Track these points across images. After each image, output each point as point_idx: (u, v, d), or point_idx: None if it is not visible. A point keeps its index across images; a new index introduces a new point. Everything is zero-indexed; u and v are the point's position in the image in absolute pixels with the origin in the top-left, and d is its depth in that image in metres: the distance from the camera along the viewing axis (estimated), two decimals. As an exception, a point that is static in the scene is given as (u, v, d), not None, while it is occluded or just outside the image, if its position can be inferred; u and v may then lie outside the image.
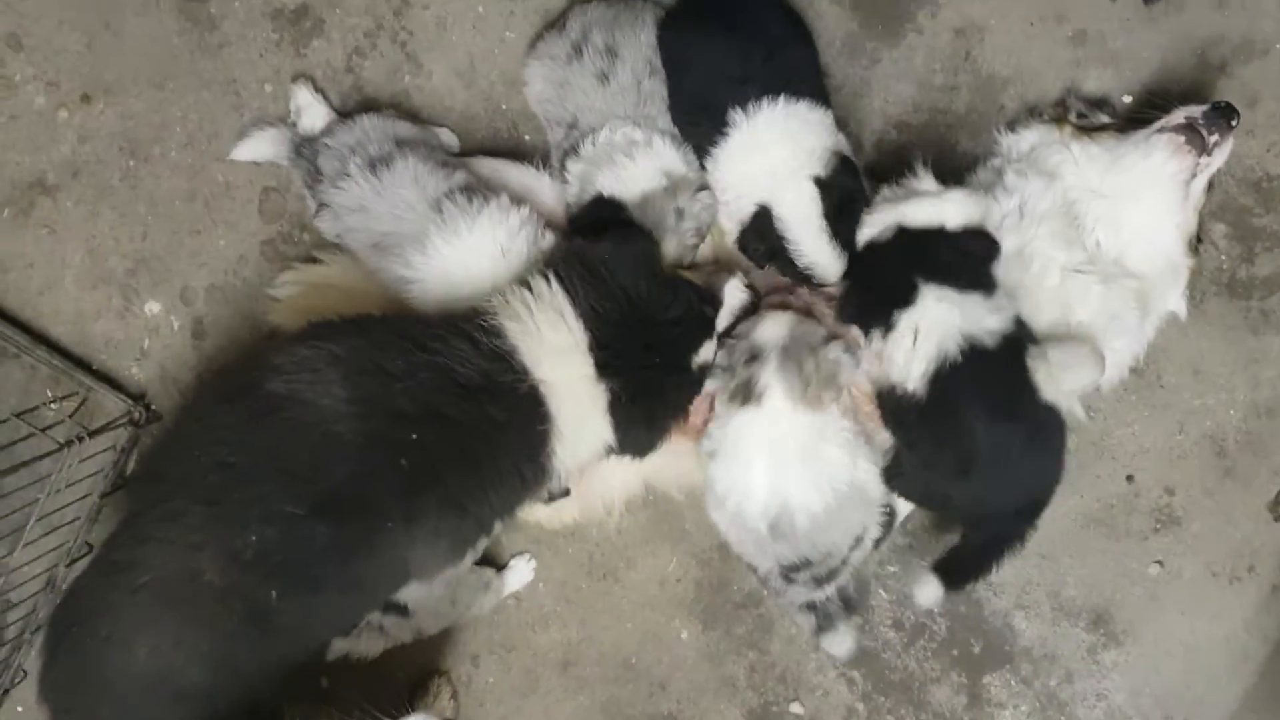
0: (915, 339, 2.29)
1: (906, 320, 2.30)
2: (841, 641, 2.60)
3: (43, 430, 2.65)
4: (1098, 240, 2.46)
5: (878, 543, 2.56)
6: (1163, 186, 2.42)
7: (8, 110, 2.80)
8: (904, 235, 2.37)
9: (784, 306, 2.51)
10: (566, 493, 2.46)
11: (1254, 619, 2.77)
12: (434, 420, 2.10)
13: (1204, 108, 2.38)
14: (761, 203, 2.40)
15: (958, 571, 2.51)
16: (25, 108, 2.80)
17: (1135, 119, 2.51)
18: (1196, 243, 2.52)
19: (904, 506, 2.65)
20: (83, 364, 2.84)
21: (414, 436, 2.08)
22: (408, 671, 2.87)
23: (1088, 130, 2.53)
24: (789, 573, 2.46)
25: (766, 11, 2.51)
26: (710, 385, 2.42)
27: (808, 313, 2.49)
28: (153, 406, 2.84)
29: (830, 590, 2.52)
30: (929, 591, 2.48)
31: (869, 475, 2.40)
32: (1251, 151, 2.70)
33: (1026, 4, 2.70)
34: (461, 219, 2.36)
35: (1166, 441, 2.76)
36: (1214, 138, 2.37)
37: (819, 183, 2.37)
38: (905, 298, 2.31)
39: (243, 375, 2.21)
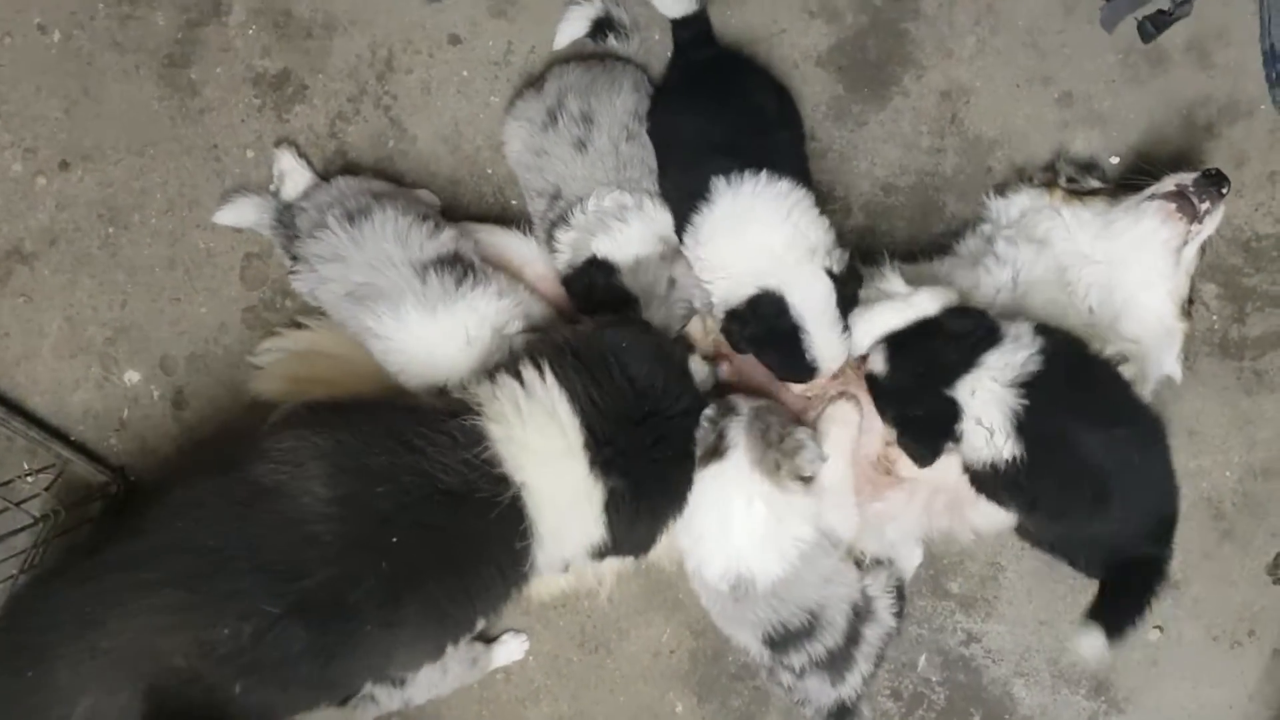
0: (981, 425, 2.26)
1: (965, 423, 2.27)
2: None
3: (17, 504, 2.57)
4: (1090, 306, 2.45)
5: (899, 616, 2.53)
6: (1154, 253, 2.42)
7: (-16, 178, 2.76)
8: (901, 361, 2.35)
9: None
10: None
11: (1256, 684, 2.75)
12: (415, 525, 2.05)
13: (1195, 175, 2.37)
14: (765, 288, 2.32)
15: (1116, 618, 2.36)
16: (2, 175, 2.75)
17: (1126, 184, 2.51)
18: (1189, 306, 2.51)
19: (909, 570, 2.63)
20: (60, 435, 2.77)
21: (394, 540, 2.03)
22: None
23: (1078, 194, 2.52)
24: (778, 649, 2.40)
25: (761, 92, 2.51)
26: None
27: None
28: (132, 478, 2.78)
29: (856, 684, 2.46)
30: (1092, 643, 2.33)
31: (838, 522, 2.39)
32: (1240, 211, 2.71)
33: (1012, 66, 2.71)
34: (441, 301, 2.32)
35: (1164, 504, 2.72)
36: (1205, 205, 2.36)
37: (832, 276, 2.32)
38: (953, 415, 2.28)
39: (234, 452, 2.17)
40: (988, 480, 2.31)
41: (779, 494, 2.25)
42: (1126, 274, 2.44)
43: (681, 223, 2.41)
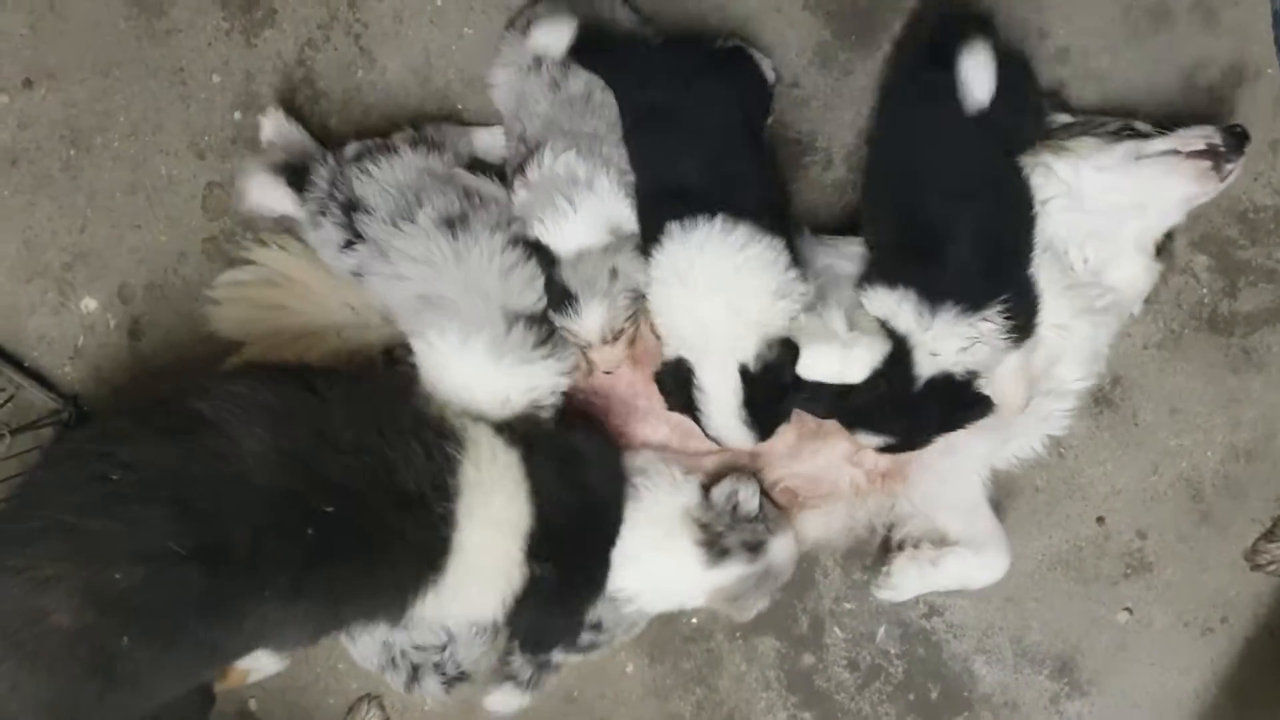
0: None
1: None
2: (514, 702, 2.56)
3: (-37, 426, 2.54)
4: (1087, 258, 2.36)
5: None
6: (1171, 209, 2.35)
7: (-55, 94, 2.69)
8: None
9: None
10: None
11: (1226, 673, 2.67)
12: (355, 504, 2.00)
13: (1221, 132, 2.29)
14: (683, 357, 2.25)
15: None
16: (-36, 92, 2.69)
17: (1113, 129, 2.40)
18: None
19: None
20: (13, 360, 2.73)
21: (328, 510, 1.98)
22: (339, 696, 2.78)
23: (1060, 143, 2.40)
24: None
25: (709, 101, 2.30)
26: None
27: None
28: (85, 408, 2.73)
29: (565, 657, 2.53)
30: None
31: None
32: (1237, 181, 2.57)
33: (1006, 18, 2.58)
34: (513, 355, 2.27)
35: (1140, 482, 2.65)
36: (1231, 165, 2.28)
37: (745, 374, 2.21)
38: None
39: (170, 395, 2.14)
40: None
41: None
42: (1128, 226, 2.35)
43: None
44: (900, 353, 2.23)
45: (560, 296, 2.28)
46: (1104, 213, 2.35)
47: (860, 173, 2.56)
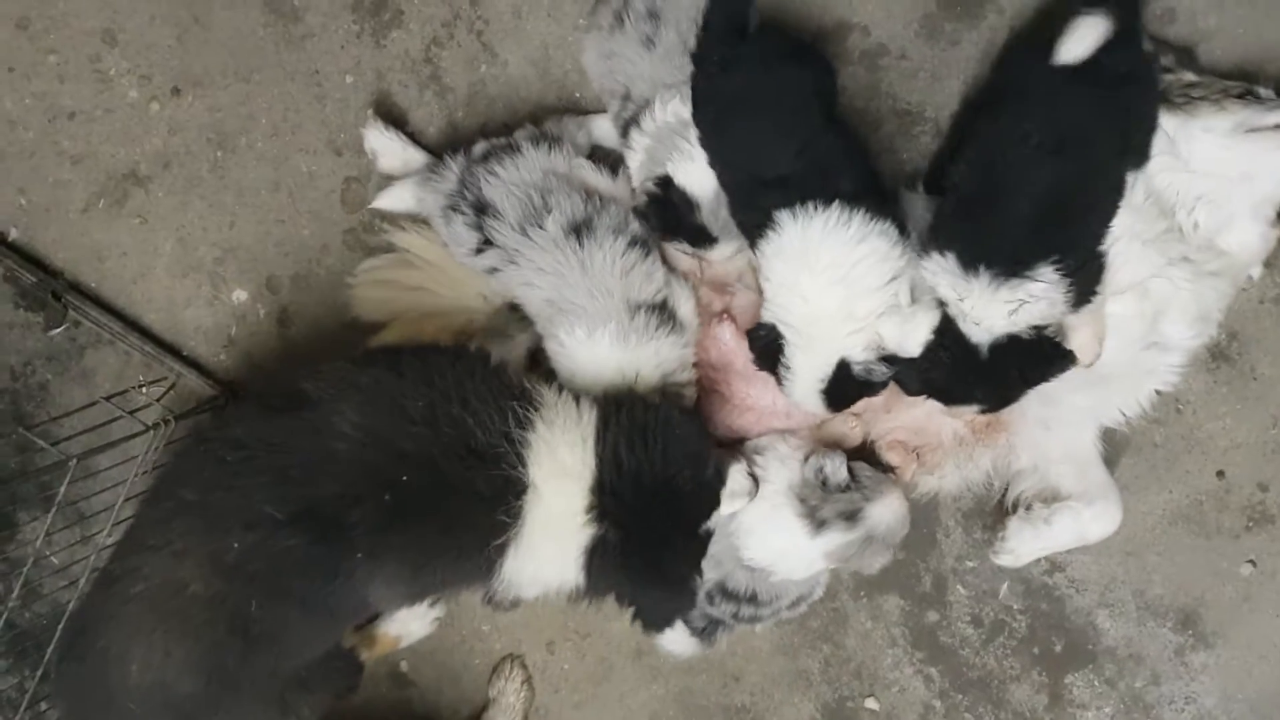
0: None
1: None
2: (685, 646, 2.66)
3: (131, 413, 2.72)
4: (1197, 221, 2.37)
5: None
6: None
7: (103, 104, 2.89)
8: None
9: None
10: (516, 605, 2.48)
11: (1354, 623, 2.65)
12: (429, 471, 2.13)
13: None
14: (775, 325, 2.34)
15: None
16: (119, 101, 2.89)
17: (1232, 92, 2.39)
18: None
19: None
20: (173, 350, 2.92)
21: (404, 478, 2.11)
22: (484, 658, 2.92)
23: (1186, 100, 2.40)
24: (723, 594, 2.52)
25: (786, 86, 2.33)
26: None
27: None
28: (240, 393, 2.91)
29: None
30: None
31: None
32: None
33: (1114, -18, 2.60)
34: (637, 336, 2.38)
35: (1260, 436, 2.64)
36: None
37: (843, 368, 2.31)
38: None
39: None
40: None
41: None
42: (1244, 192, 2.35)
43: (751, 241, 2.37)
44: (948, 322, 2.27)
45: (700, 235, 2.42)
46: (1213, 177, 2.35)
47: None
